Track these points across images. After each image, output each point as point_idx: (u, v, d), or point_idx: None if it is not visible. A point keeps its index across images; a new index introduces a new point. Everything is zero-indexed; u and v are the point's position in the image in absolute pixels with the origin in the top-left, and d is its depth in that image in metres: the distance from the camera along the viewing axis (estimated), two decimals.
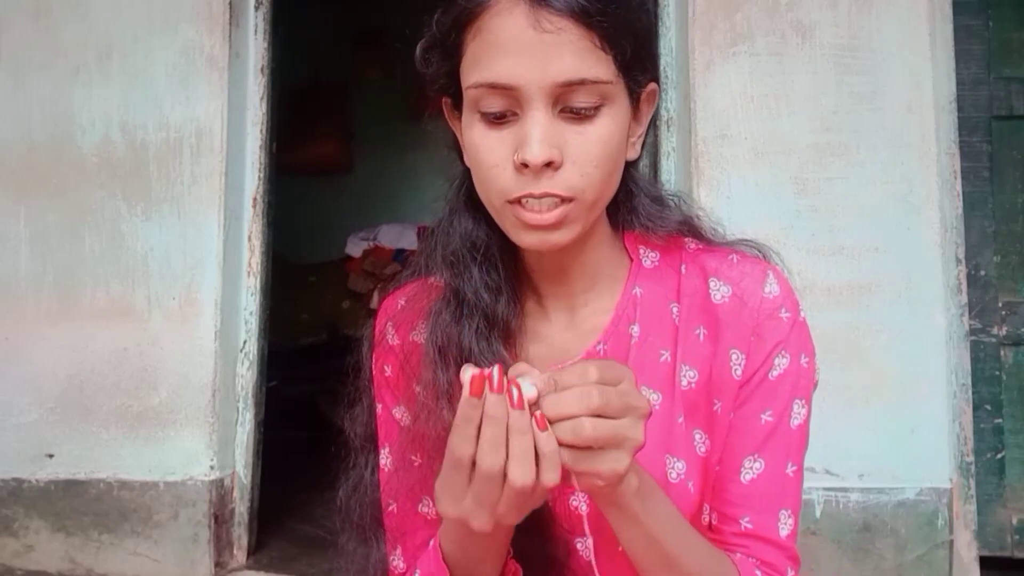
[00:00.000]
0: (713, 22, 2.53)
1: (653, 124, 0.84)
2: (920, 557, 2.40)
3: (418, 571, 0.80)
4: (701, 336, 0.81)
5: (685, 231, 0.86)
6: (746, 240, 0.86)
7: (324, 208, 4.93)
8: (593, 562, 0.76)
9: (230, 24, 2.74)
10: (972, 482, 2.50)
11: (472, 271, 0.80)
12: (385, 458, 0.88)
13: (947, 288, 2.49)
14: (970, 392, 2.53)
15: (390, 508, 0.87)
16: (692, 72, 2.54)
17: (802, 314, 0.82)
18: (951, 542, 2.41)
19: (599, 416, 0.60)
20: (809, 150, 2.48)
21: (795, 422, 0.80)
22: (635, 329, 0.81)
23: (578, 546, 0.80)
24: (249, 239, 2.82)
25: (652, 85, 0.80)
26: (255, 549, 2.79)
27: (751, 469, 0.80)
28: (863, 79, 2.48)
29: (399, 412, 0.87)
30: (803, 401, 0.81)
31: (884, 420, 2.42)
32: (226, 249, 2.71)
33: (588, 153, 0.71)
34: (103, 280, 2.72)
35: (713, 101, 2.52)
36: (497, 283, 0.81)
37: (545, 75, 0.69)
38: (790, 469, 0.80)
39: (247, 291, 2.81)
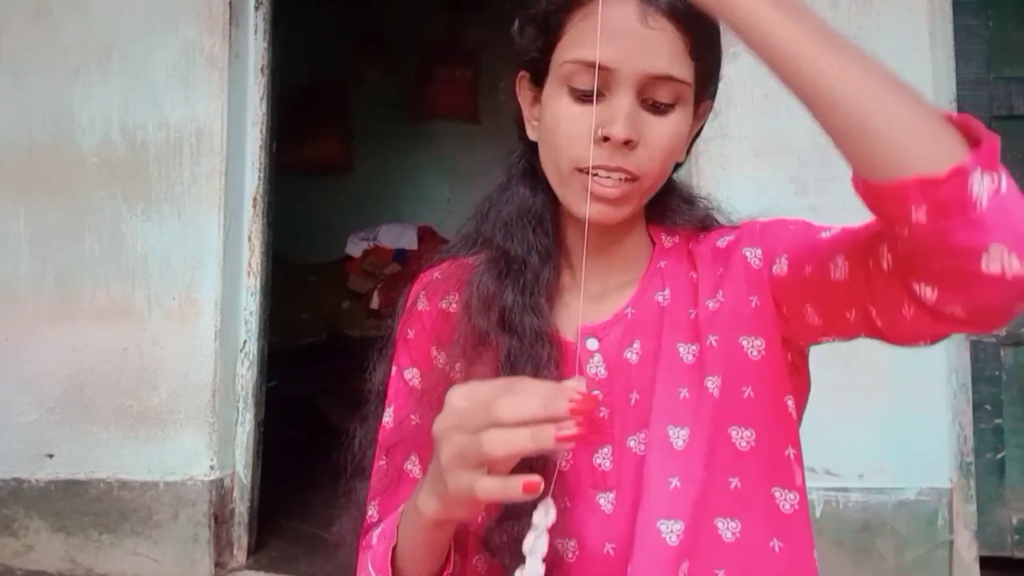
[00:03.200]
0: None
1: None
2: (920, 557, 2.40)
3: (379, 528, 0.83)
4: (720, 272, 0.86)
5: (706, 226, 0.93)
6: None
7: (324, 208, 4.93)
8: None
9: (230, 24, 2.74)
10: (972, 482, 2.50)
11: (527, 233, 0.87)
12: (389, 416, 0.93)
13: None
14: (970, 392, 2.53)
15: (381, 463, 0.92)
16: None
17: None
18: (951, 542, 2.41)
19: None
20: (809, 150, 2.48)
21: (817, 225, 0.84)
22: (665, 294, 0.87)
23: (600, 501, 0.82)
24: (249, 239, 2.82)
25: (708, 103, 0.89)
26: (255, 549, 2.80)
27: (809, 265, 0.79)
28: None
29: (410, 374, 0.92)
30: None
31: (884, 420, 2.42)
32: (226, 249, 2.71)
33: (660, 142, 0.79)
34: (103, 280, 2.72)
35: (713, 101, 2.51)
36: (548, 248, 0.87)
37: (641, 64, 0.77)
38: (831, 231, 0.80)
39: (247, 291, 2.82)
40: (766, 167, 2.49)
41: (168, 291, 2.69)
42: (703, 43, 0.80)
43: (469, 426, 0.63)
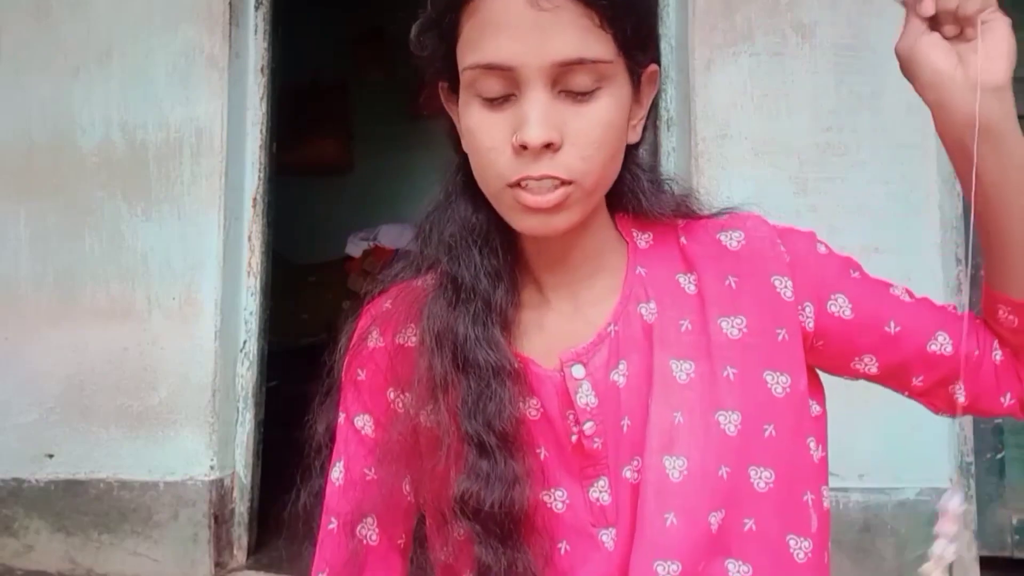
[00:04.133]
0: (713, 22, 2.53)
1: (653, 124, 0.83)
2: (920, 557, 2.38)
3: None
4: (733, 284, 0.79)
5: (681, 212, 0.84)
6: (724, 209, 0.86)
7: (324, 208, 4.92)
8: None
9: (230, 24, 2.74)
10: (972, 482, 2.49)
11: (472, 255, 0.78)
12: (338, 472, 0.84)
13: (947, 288, 2.49)
14: None
15: (330, 526, 0.84)
16: (692, 72, 2.54)
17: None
18: None
19: None
20: (809, 150, 2.48)
21: (870, 276, 0.83)
22: (650, 307, 0.79)
23: (603, 538, 0.77)
24: (249, 239, 2.82)
25: (653, 67, 0.78)
26: (255, 549, 2.79)
27: (896, 324, 0.80)
28: (863, 79, 2.48)
29: (361, 421, 0.84)
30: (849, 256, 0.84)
31: (884, 420, 2.41)
32: (226, 249, 2.71)
33: (589, 135, 0.70)
34: (103, 280, 2.72)
35: (713, 101, 2.52)
36: (496, 268, 0.79)
37: (543, 55, 0.68)
38: (903, 294, 0.82)
39: (247, 291, 2.82)
40: (766, 167, 2.48)
41: (168, 291, 2.69)
42: (614, 9, 0.69)
43: None
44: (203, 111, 2.71)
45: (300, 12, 3.26)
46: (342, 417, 0.85)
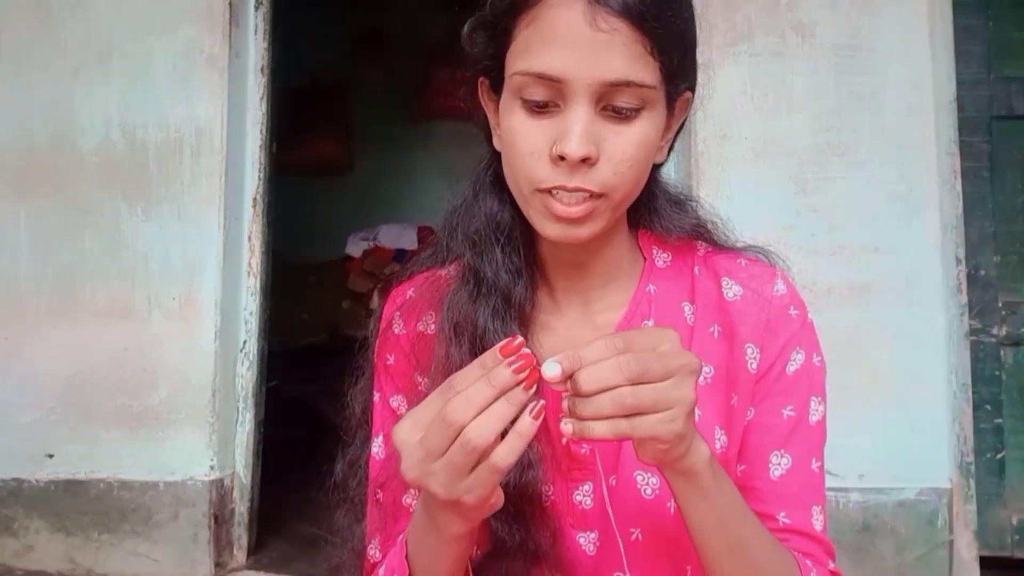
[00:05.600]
0: (713, 22, 2.53)
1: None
2: (920, 557, 2.40)
3: (384, 564, 0.80)
4: (715, 333, 0.82)
5: (699, 235, 0.87)
6: (753, 246, 0.88)
7: (324, 208, 4.93)
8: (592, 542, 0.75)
9: (230, 24, 2.74)
10: (972, 482, 2.49)
11: (495, 251, 0.81)
12: (377, 446, 0.88)
13: (947, 288, 2.49)
14: (970, 392, 2.53)
15: (376, 496, 0.87)
16: None
17: (810, 316, 0.84)
18: (951, 542, 2.41)
19: (641, 383, 0.60)
20: (809, 150, 2.49)
21: (814, 418, 0.82)
22: (649, 324, 0.82)
23: (580, 540, 0.80)
24: (249, 239, 2.82)
25: (688, 94, 0.81)
26: (255, 549, 2.79)
27: (779, 465, 0.80)
28: (863, 79, 2.48)
29: (396, 401, 0.87)
30: (819, 398, 0.82)
31: (884, 420, 2.42)
32: (226, 249, 2.71)
33: (624, 153, 0.73)
34: (103, 280, 2.72)
35: (713, 101, 2.50)
36: (517, 266, 0.81)
37: (594, 72, 0.70)
38: (815, 465, 0.81)
39: (247, 291, 2.82)
40: (766, 167, 2.48)
41: (168, 291, 2.69)
42: (665, 39, 0.72)
43: (438, 450, 0.61)
44: (203, 111, 2.71)
45: (300, 12, 3.26)
46: (377, 396, 0.89)
